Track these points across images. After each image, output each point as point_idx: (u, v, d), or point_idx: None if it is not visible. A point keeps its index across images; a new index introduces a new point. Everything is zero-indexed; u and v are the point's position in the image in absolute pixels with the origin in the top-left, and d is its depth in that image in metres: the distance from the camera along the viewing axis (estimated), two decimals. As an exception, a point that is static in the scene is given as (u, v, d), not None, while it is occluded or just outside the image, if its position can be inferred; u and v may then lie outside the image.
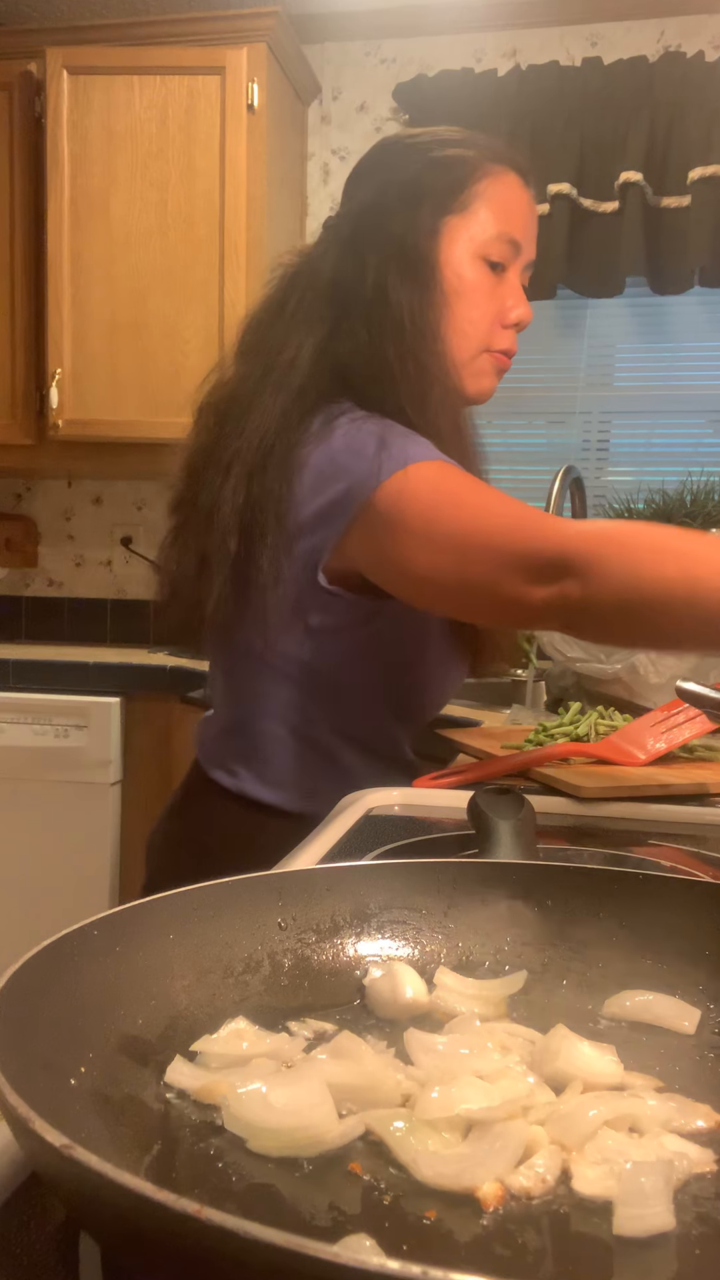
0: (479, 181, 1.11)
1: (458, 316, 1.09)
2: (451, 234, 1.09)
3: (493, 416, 3.08)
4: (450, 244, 1.09)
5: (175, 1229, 0.27)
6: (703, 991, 0.53)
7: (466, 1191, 0.38)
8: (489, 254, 1.10)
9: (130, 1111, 0.42)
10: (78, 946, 0.46)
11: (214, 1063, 0.47)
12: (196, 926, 0.52)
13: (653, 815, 1.06)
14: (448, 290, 1.09)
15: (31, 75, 2.79)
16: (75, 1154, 0.29)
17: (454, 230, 1.09)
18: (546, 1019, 0.51)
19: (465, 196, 1.10)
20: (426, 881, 0.59)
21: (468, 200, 1.10)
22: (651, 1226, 0.36)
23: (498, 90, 2.83)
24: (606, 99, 2.75)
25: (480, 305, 1.10)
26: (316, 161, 3.08)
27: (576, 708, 1.40)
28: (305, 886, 0.57)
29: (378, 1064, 0.45)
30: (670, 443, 2.97)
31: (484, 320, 1.11)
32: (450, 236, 1.09)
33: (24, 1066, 0.36)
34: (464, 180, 1.10)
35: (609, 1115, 0.42)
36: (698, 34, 2.79)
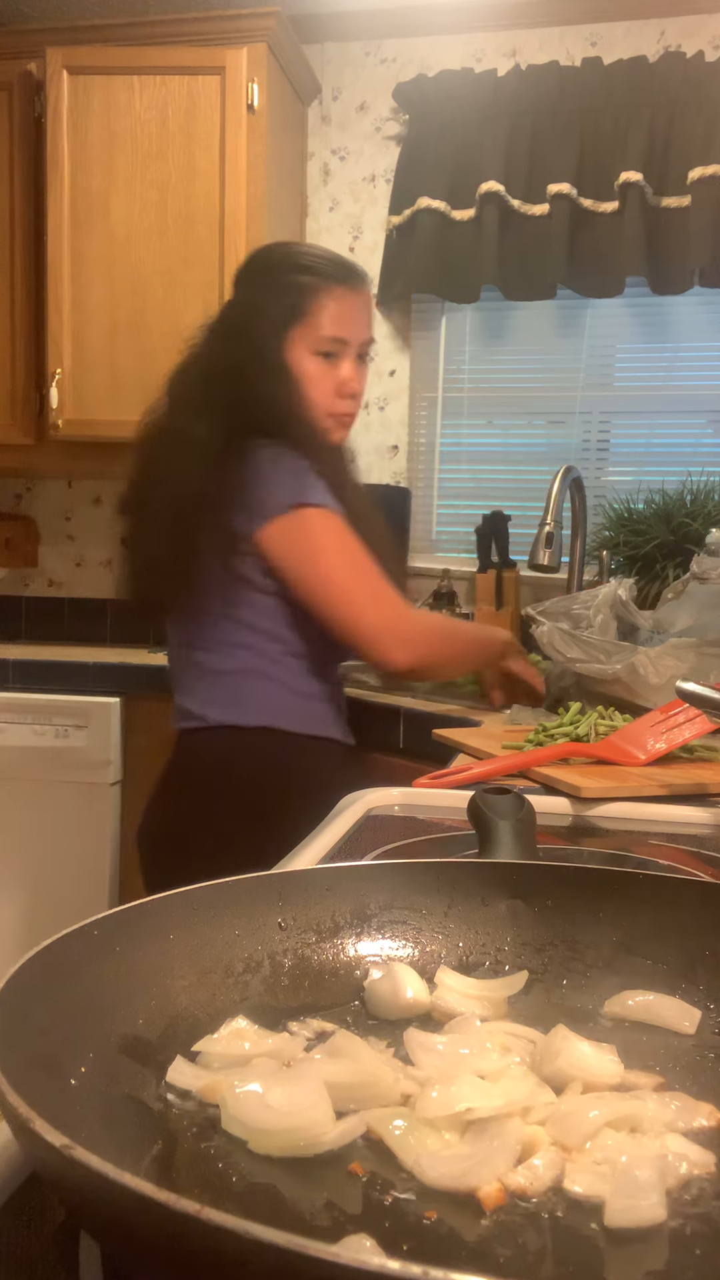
0: (314, 300, 1.56)
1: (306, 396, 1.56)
2: (293, 340, 1.56)
3: (493, 416, 3.08)
4: (292, 347, 1.57)
5: (175, 1229, 0.27)
6: (703, 991, 0.53)
7: (469, 1192, 0.38)
8: (320, 351, 1.57)
9: (130, 1111, 0.42)
10: (78, 946, 0.46)
11: (215, 1062, 0.47)
12: (197, 926, 0.52)
13: (653, 815, 1.06)
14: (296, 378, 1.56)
15: (31, 75, 2.79)
16: (75, 1154, 0.29)
17: (295, 338, 1.56)
18: (546, 1019, 0.51)
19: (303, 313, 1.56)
20: (426, 881, 0.59)
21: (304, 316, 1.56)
22: (642, 1218, 0.36)
23: (498, 90, 2.83)
24: (606, 99, 2.74)
25: (319, 387, 1.57)
26: (316, 161, 3.08)
27: (576, 708, 1.40)
28: (305, 886, 0.57)
29: (376, 1062, 0.45)
30: (670, 443, 2.97)
31: (324, 396, 1.58)
32: (292, 341, 1.56)
33: (24, 1066, 0.36)
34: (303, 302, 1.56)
35: (609, 1115, 0.42)
36: (698, 34, 2.79)
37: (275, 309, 1.55)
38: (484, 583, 2.76)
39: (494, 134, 2.82)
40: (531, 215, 2.81)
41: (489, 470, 3.09)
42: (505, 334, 3.03)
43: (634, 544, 2.48)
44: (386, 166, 3.02)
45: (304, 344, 1.54)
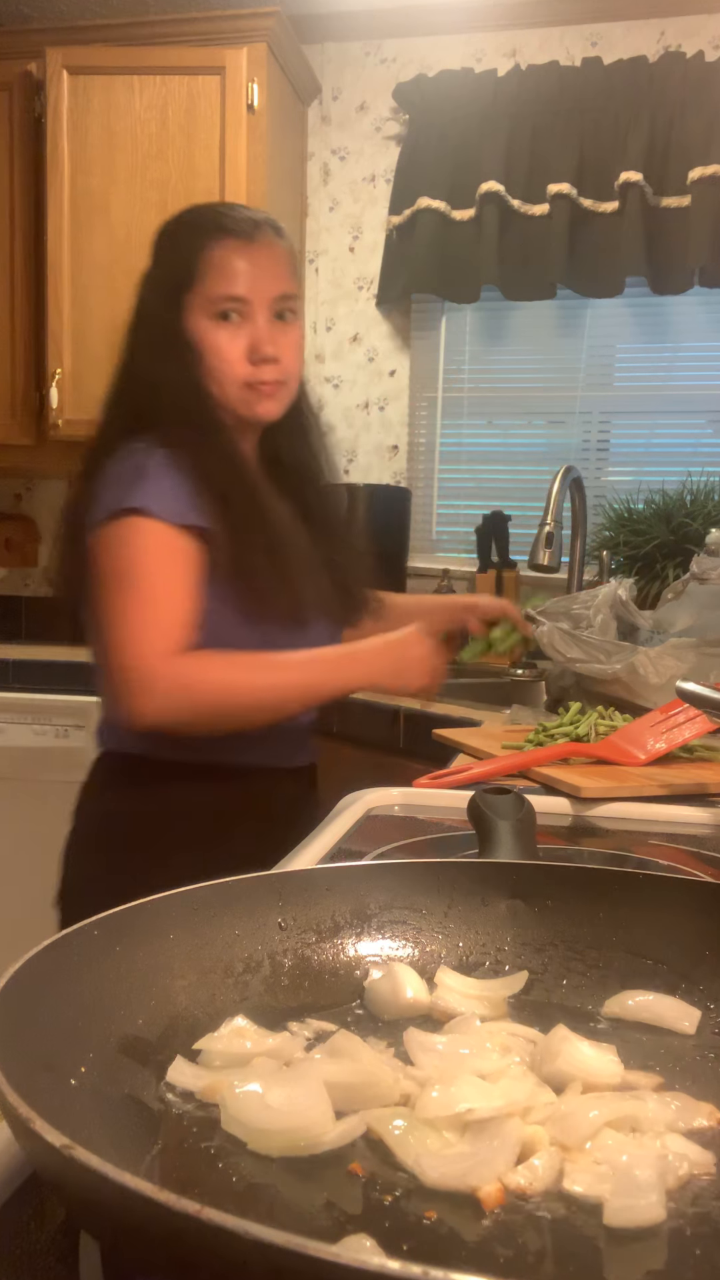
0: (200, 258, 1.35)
1: (210, 366, 1.35)
2: (189, 308, 1.36)
3: (493, 416, 3.08)
4: (190, 316, 1.36)
5: (175, 1229, 0.27)
6: (703, 991, 0.53)
7: (469, 1192, 0.38)
8: (220, 315, 1.34)
9: (130, 1111, 0.42)
10: (78, 946, 0.46)
11: (215, 1062, 0.47)
12: (196, 926, 0.52)
13: (653, 815, 1.06)
14: (196, 348, 1.35)
15: (31, 75, 2.79)
16: (75, 1154, 0.29)
17: (190, 305, 1.36)
18: (546, 1019, 0.51)
19: (192, 275, 1.35)
20: (426, 881, 0.59)
21: (193, 277, 1.35)
22: (641, 1218, 0.37)
23: (498, 90, 2.83)
24: (606, 99, 2.74)
25: (225, 354, 1.34)
26: (316, 161, 3.08)
27: (576, 708, 1.40)
28: (305, 886, 0.57)
29: (375, 1062, 0.45)
30: (670, 443, 2.97)
31: (232, 364, 1.35)
32: (189, 310, 1.36)
33: (24, 1066, 0.36)
34: (190, 262, 1.36)
35: (610, 1116, 0.42)
36: (698, 34, 2.79)
37: (165, 278, 1.37)
38: (484, 583, 2.76)
39: (494, 134, 2.82)
40: (531, 215, 2.81)
41: (489, 470, 3.09)
42: (505, 334, 3.03)
43: (634, 544, 2.48)
44: (386, 166, 3.02)
45: (200, 310, 1.34)
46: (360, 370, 3.10)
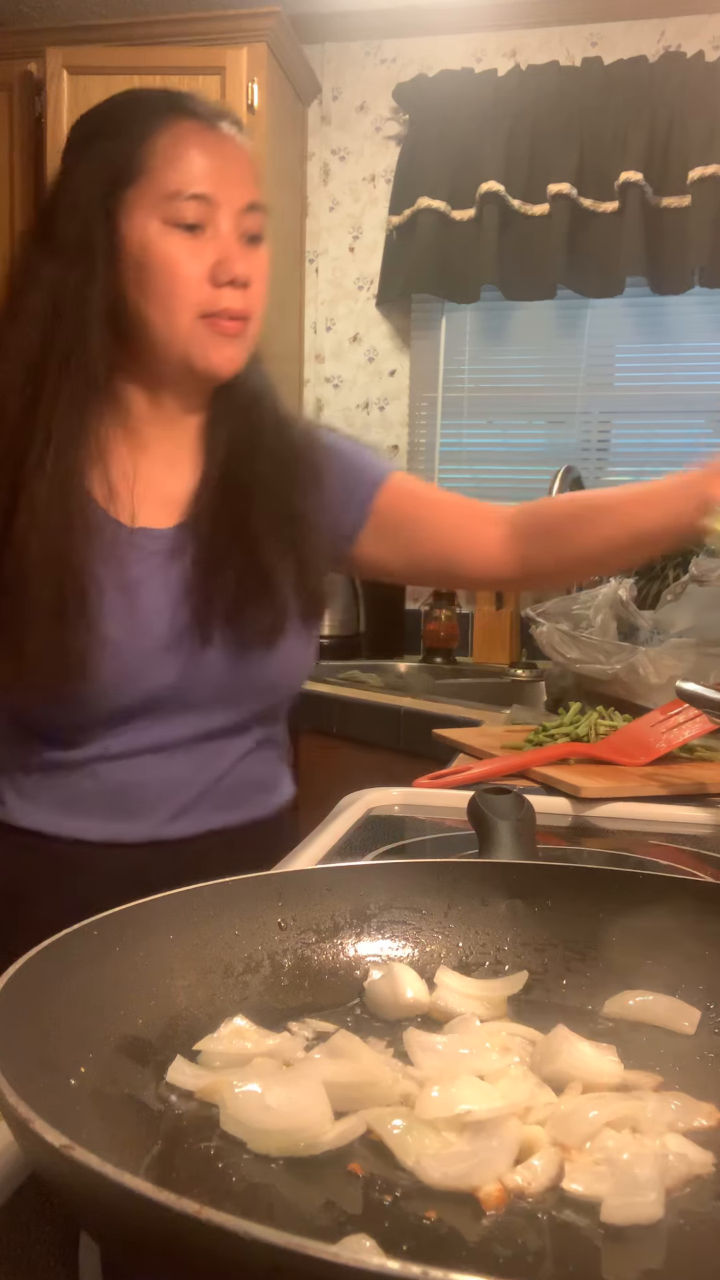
0: (147, 143, 1.02)
1: (155, 287, 1.01)
2: (130, 209, 1.01)
3: (493, 416, 3.08)
4: (131, 218, 1.01)
5: (175, 1229, 0.27)
6: (703, 991, 0.53)
7: (469, 1192, 0.38)
8: (176, 218, 1.00)
9: (130, 1111, 0.42)
10: (78, 946, 0.46)
11: (215, 1062, 0.47)
12: (196, 926, 0.52)
13: (653, 815, 1.06)
14: (136, 267, 1.01)
15: (31, 75, 2.79)
16: (75, 1154, 0.29)
17: (132, 205, 1.01)
18: (546, 1019, 0.51)
19: (137, 166, 1.01)
20: (426, 881, 0.59)
21: (138, 169, 1.01)
22: (639, 1215, 0.37)
23: (498, 90, 2.83)
24: (606, 99, 2.74)
25: (179, 269, 1.00)
26: (316, 161, 3.08)
27: (576, 708, 1.40)
28: (305, 886, 0.57)
29: (375, 1062, 0.45)
30: (670, 443, 2.97)
31: (187, 289, 1.01)
32: (129, 211, 1.01)
33: (24, 1066, 0.36)
34: (132, 150, 1.02)
35: (609, 1116, 0.42)
36: (698, 34, 2.78)
37: (93, 173, 1.02)
38: (484, 583, 2.76)
39: (494, 134, 2.82)
40: (531, 215, 2.81)
41: (489, 470, 3.09)
42: (505, 334, 3.03)
43: (634, 544, 2.47)
44: (386, 166, 3.02)
45: (146, 211, 1.01)
46: (360, 370, 3.10)
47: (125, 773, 1.06)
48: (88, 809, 1.06)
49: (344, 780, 1.20)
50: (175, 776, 1.08)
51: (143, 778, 1.06)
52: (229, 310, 1.02)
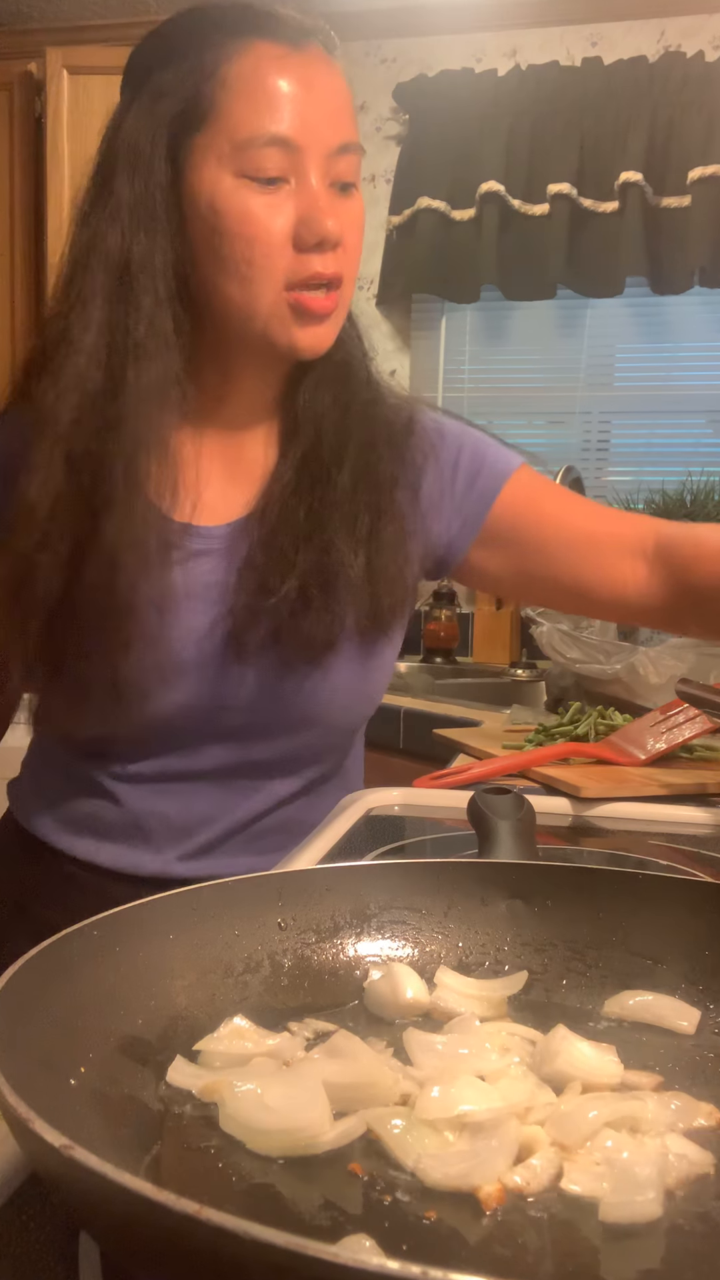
0: (216, 78, 0.83)
1: (230, 260, 0.84)
2: (196, 160, 0.84)
3: (493, 416, 3.08)
4: (198, 171, 0.84)
5: (175, 1229, 0.27)
6: (703, 991, 0.53)
7: (469, 1192, 0.38)
8: (252, 169, 0.82)
9: (130, 1111, 0.42)
10: (78, 946, 0.46)
11: (215, 1062, 0.47)
12: (196, 926, 0.52)
13: (653, 815, 1.06)
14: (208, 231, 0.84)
15: (31, 75, 2.79)
16: (75, 1154, 0.29)
17: (199, 155, 0.83)
18: (546, 1019, 0.51)
19: (202, 107, 0.83)
20: (426, 881, 0.59)
21: (205, 110, 0.83)
22: (638, 1214, 0.37)
23: (498, 90, 2.83)
24: (606, 99, 2.74)
25: (256, 238, 0.83)
26: (316, 161, 3.09)
27: (576, 708, 1.40)
28: (305, 886, 0.57)
29: (375, 1062, 0.45)
30: (670, 443, 2.97)
31: (268, 255, 0.83)
32: (195, 162, 0.84)
33: (24, 1066, 0.36)
34: (199, 87, 0.83)
35: (609, 1115, 0.42)
36: (698, 34, 2.78)
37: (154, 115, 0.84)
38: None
39: (494, 134, 2.82)
40: (531, 215, 2.81)
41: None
42: (505, 334, 3.03)
43: (634, 544, 2.48)
44: (386, 166, 3.02)
45: (218, 162, 0.83)
46: (360, 370, 3.10)
47: (146, 799, 0.96)
48: (103, 832, 0.98)
49: (344, 780, 1.19)
50: (200, 810, 0.96)
51: (160, 806, 0.96)
52: (319, 276, 0.85)
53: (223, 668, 0.91)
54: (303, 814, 0.99)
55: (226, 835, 0.97)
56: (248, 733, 0.94)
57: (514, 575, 1.03)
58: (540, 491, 1.03)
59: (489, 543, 1.01)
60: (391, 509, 0.94)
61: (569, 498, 1.05)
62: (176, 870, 0.97)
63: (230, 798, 0.97)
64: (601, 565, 0.99)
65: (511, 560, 1.02)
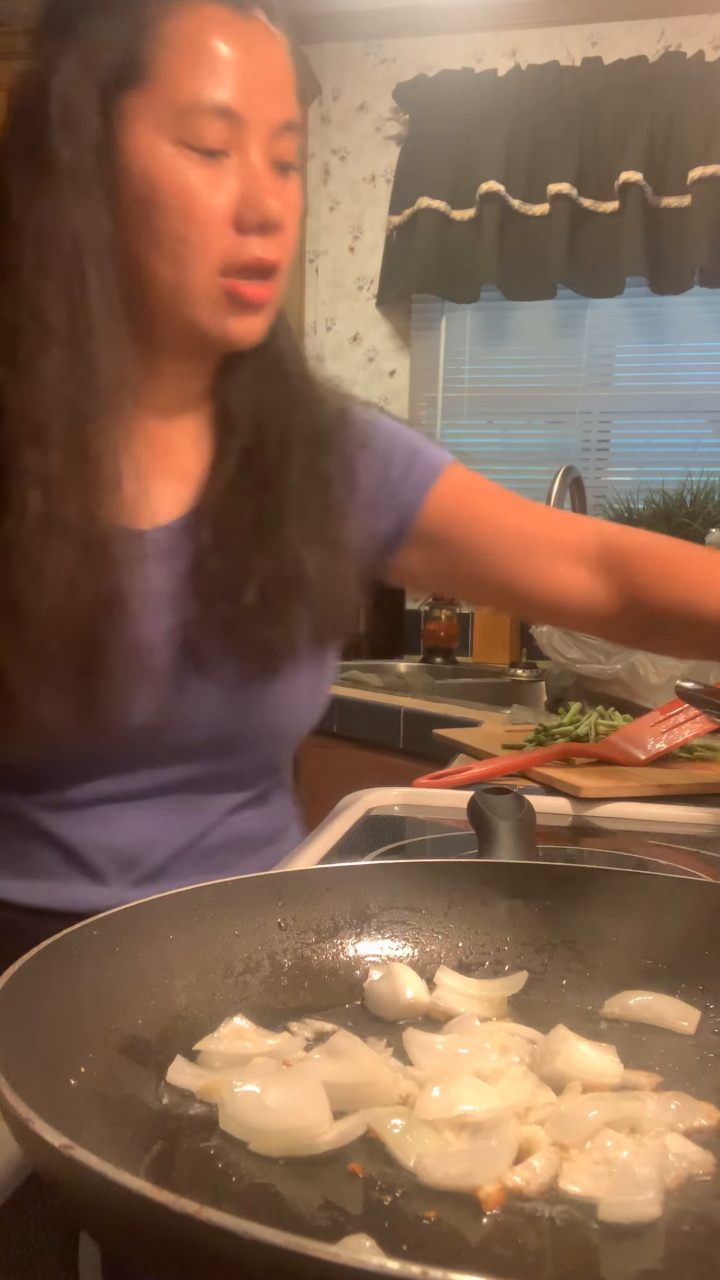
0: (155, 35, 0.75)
1: (164, 237, 0.77)
2: (129, 121, 0.76)
3: (493, 416, 3.08)
4: (130, 136, 0.76)
5: (175, 1229, 0.27)
6: (703, 991, 0.53)
7: (470, 1192, 0.38)
8: (193, 139, 0.76)
9: (130, 1111, 0.42)
10: (78, 946, 0.46)
11: (215, 1062, 0.47)
12: (196, 926, 0.52)
13: (653, 815, 1.06)
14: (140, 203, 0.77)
15: (31, 75, 2.79)
16: (75, 1154, 0.29)
17: (132, 116, 0.76)
18: (546, 1019, 0.51)
19: (139, 65, 0.75)
20: (426, 881, 0.59)
21: (142, 69, 0.75)
22: (636, 1214, 0.37)
23: (498, 90, 2.83)
24: (606, 99, 2.75)
25: (193, 215, 0.76)
26: (317, 161, 3.08)
27: (576, 708, 1.40)
28: (305, 886, 0.57)
29: (375, 1062, 0.45)
30: (670, 443, 2.97)
31: (205, 235, 0.77)
32: (128, 124, 0.76)
33: (24, 1066, 0.36)
34: (135, 43, 0.75)
35: (609, 1116, 0.42)
36: (698, 34, 2.79)
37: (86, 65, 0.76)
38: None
39: (494, 134, 2.82)
40: (531, 215, 2.81)
41: (489, 470, 3.06)
42: (505, 334, 3.03)
43: (634, 544, 2.47)
44: (386, 166, 3.02)
45: (153, 126, 0.75)
46: (360, 370, 3.10)
47: (83, 827, 0.86)
48: (35, 869, 0.86)
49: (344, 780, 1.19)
50: (145, 834, 0.87)
51: (104, 834, 0.86)
52: (261, 261, 0.79)
53: (179, 682, 0.83)
54: (254, 826, 0.94)
55: (175, 856, 0.89)
56: (204, 750, 0.87)
57: (445, 574, 1.00)
58: (474, 489, 0.99)
59: (421, 540, 0.96)
60: (339, 506, 0.89)
61: (506, 497, 1.00)
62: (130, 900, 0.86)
63: (177, 817, 0.88)
64: (538, 568, 0.95)
65: (443, 559, 0.98)
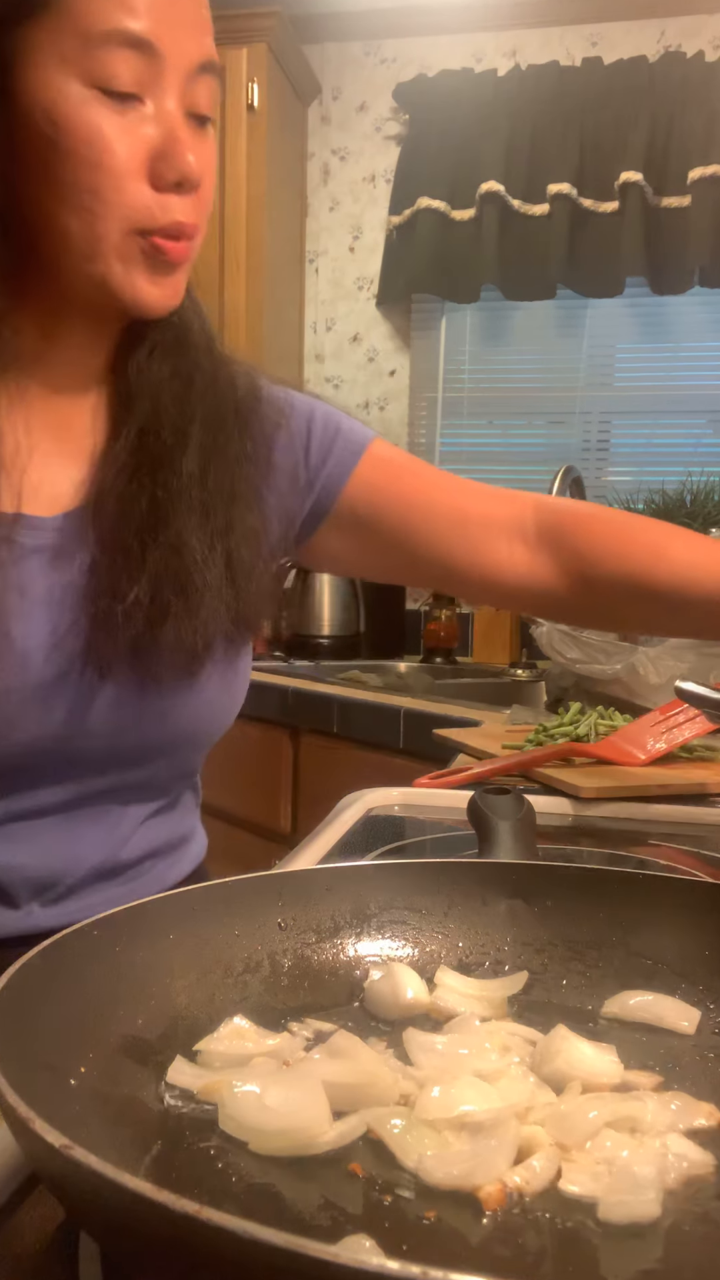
0: None
1: (72, 188, 0.69)
2: (32, 55, 0.67)
3: (493, 416, 3.08)
4: (33, 72, 0.67)
5: (175, 1229, 0.27)
6: (703, 991, 0.53)
7: (470, 1191, 0.38)
8: (104, 78, 0.67)
9: (130, 1111, 0.42)
10: (78, 946, 0.46)
11: (215, 1062, 0.47)
12: (196, 926, 0.52)
13: (653, 815, 1.06)
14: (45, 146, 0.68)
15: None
16: (75, 1154, 0.29)
17: (35, 50, 0.67)
18: (546, 1019, 0.51)
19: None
20: (426, 881, 0.59)
21: None
22: (636, 1214, 0.37)
23: (498, 90, 2.83)
24: (606, 99, 2.75)
25: (104, 165, 0.68)
26: (316, 161, 3.08)
27: (576, 708, 1.40)
28: (305, 886, 0.57)
29: (375, 1062, 0.45)
30: (670, 443, 2.97)
31: (119, 189, 0.69)
32: (31, 58, 0.67)
33: (24, 1066, 0.36)
34: None
35: (609, 1116, 0.42)
36: (698, 34, 2.78)
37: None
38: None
39: (494, 134, 2.82)
40: (531, 215, 2.81)
41: (489, 470, 3.09)
42: (505, 334, 3.03)
43: (634, 544, 2.47)
44: (386, 166, 3.02)
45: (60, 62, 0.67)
46: (360, 370, 3.10)
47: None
48: None
49: (344, 780, 1.20)
50: (57, 851, 0.81)
51: (9, 855, 0.79)
52: (180, 226, 0.71)
53: (79, 687, 0.76)
54: (160, 831, 0.88)
55: (90, 874, 0.83)
56: (111, 760, 0.80)
57: (372, 556, 0.95)
58: (401, 467, 0.94)
59: (345, 521, 0.91)
60: (247, 494, 0.83)
61: (436, 474, 0.95)
62: (43, 922, 0.80)
63: (89, 830, 0.82)
64: (472, 546, 0.91)
65: (369, 540, 0.93)
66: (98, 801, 0.82)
